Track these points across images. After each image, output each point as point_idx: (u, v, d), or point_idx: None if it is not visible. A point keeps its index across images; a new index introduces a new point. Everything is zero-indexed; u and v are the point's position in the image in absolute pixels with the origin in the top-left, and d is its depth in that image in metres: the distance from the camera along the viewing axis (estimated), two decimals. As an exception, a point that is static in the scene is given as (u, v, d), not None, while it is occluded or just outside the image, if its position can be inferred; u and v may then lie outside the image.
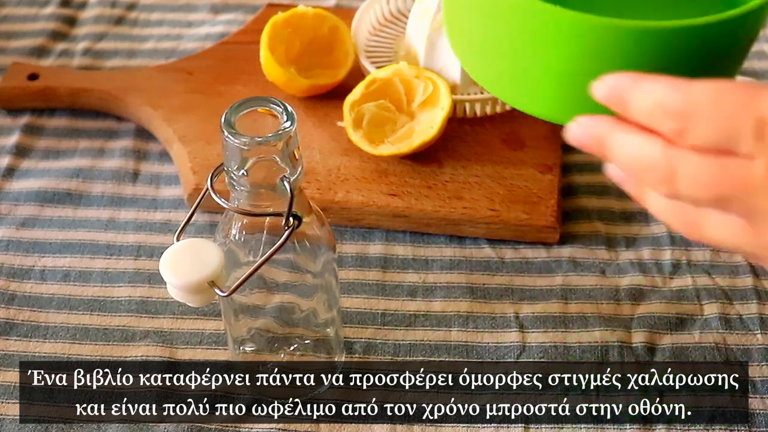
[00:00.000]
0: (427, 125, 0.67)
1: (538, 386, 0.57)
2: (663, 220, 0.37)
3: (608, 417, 0.56)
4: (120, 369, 0.58)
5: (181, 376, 0.58)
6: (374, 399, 0.57)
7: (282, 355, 0.57)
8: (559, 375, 0.58)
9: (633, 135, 0.33)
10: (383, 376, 0.58)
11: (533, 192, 0.67)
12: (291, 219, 0.46)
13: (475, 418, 0.56)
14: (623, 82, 0.34)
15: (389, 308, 0.62)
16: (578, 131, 0.36)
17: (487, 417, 0.56)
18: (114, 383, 0.57)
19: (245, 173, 0.46)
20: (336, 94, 0.72)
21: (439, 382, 0.58)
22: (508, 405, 0.56)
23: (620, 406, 0.56)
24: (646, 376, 0.58)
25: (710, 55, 0.36)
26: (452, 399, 0.57)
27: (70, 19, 0.88)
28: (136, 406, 0.56)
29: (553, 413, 0.56)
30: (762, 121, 0.29)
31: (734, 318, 0.61)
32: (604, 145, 0.35)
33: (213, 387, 0.57)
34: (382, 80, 0.69)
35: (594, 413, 0.56)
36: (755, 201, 0.30)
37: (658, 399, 0.56)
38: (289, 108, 0.46)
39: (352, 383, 0.58)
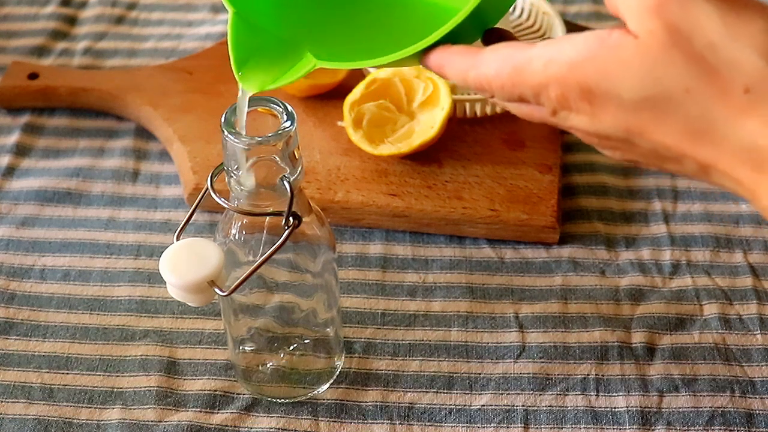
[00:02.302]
0: (427, 125, 0.67)
1: (538, 386, 0.57)
2: None
3: (608, 417, 0.56)
4: (120, 368, 0.58)
5: (181, 375, 0.58)
6: (374, 399, 0.57)
7: (282, 355, 0.57)
8: (559, 375, 0.58)
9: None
10: (383, 376, 0.58)
11: (533, 192, 0.67)
12: (291, 219, 0.46)
13: (475, 418, 0.56)
14: (437, 62, 0.42)
15: (389, 308, 0.62)
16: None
17: (487, 417, 0.56)
18: (114, 383, 0.58)
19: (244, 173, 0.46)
20: (336, 94, 0.72)
21: (439, 382, 0.58)
22: (509, 405, 0.56)
23: (620, 405, 0.56)
24: (646, 376, 0.58)
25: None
26: (452, 399, 0.57)
27: (71, 18, 0.88)
28: (136, 406, 0.56)
29: (553, 413, 0.56)
30: (534, 88, 0.38)
31: (734, 318, 0.61)
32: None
33: (213, 387, 0.57)
34: (383, 80, 0.69)
35: (594, 413, 0.56)
36: (560, 124, 0.40)
37: (658, 399, 0.57)
38: (289, 108, 0.46)
39: (352, 383, 0.58)
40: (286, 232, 0.46)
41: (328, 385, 0.57)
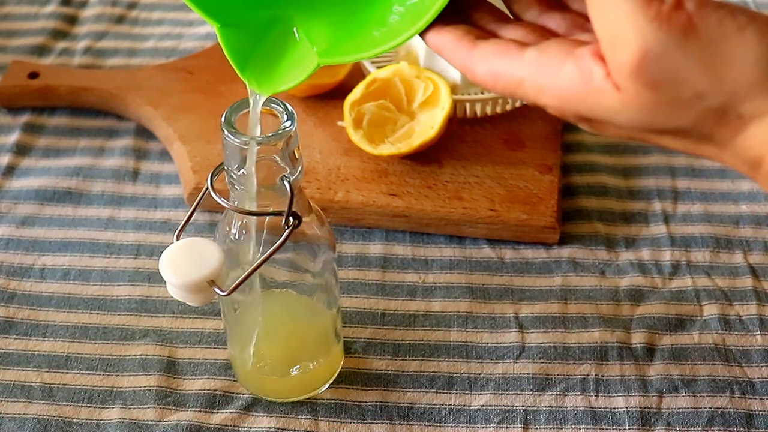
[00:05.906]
0: (428, 125, 0.67)
1: (538, 386, 0.57)
2: None
3: (608, 417, 0.56)
4: (119, 368, 0.58)
5: (181, 375, 0.58)
6: (374, 399, 0.57)
7: (281, 355, 0.57)
8: (559, 375, 0.58)
9: None
10: (383, 376, 0.58)
11: (533, 192, 0.67)
12: (291, 218, 0.46)
13: (474, 418, 0.56)
14: (434, 45, 0.43)
15: (389, 308, 0.62)
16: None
17: (487, 417, 0.56)
18: (113, 382, 0.58)
19: (245, 173, 0.46)
20: (336, 94, 0.72)
21: (439, 382, 0.58)
22: (508, 405, 0.56)
23: (620, 406, 0.56)
24: (646, 377, 0.58)
25: None
26: (452, 399, 0.57)
27: (71, 17, 0.88)
28: (135, 405, 0.56)
29: (553, 413, 0.56)
30: (532, 102, 0.39)
31: (734, 319, 0.61)
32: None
33: (213, 387, 0.57)
34: (383, 80, 0.69)
35: (594, 413, 0.56)
36: None
37: (657, 399, 0.57)
38: (290, 107, 0.46)
39: (351, 383, 0.58)
40: (286, 232, 0.46)
41: (327, 384, 0.57)
